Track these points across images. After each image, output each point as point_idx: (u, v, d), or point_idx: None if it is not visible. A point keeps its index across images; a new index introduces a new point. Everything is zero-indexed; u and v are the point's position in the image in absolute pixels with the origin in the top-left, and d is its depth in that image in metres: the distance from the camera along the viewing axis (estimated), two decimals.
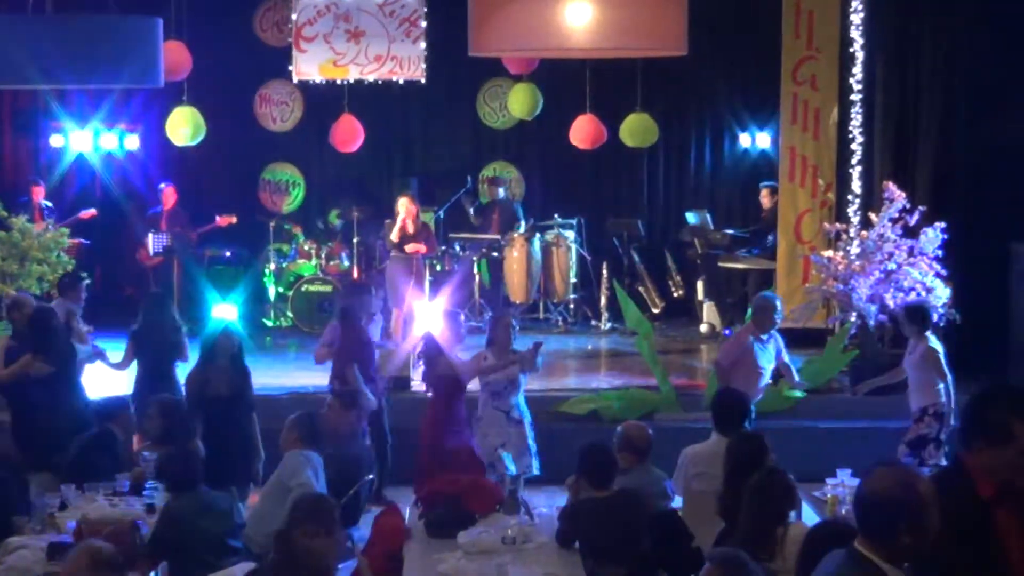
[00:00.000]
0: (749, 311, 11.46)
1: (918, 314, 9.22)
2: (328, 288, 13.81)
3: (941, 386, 8.99)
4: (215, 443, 8.08)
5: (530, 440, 8.86)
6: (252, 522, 6.91)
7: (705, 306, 14.04)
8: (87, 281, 11.54)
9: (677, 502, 7.29)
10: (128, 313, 10.66)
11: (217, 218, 14.07)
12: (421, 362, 8.92)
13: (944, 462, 8.68)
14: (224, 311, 9.70)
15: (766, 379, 9.52)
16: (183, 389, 8.83)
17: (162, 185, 14.29)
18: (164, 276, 13.82)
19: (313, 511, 5.21)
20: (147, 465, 7.54)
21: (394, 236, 12.66)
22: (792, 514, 5.84)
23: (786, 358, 9.66)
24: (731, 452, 6.44)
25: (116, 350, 9.71)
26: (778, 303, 9.63)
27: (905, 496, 3.75)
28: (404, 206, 12.69)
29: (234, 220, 14.13)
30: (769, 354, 9.46)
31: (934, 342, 9.15)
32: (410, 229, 12.66)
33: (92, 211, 13.95)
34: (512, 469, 8.09)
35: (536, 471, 8.81)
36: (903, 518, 3.73)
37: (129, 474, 7.45)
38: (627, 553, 6.22)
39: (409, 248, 12.59)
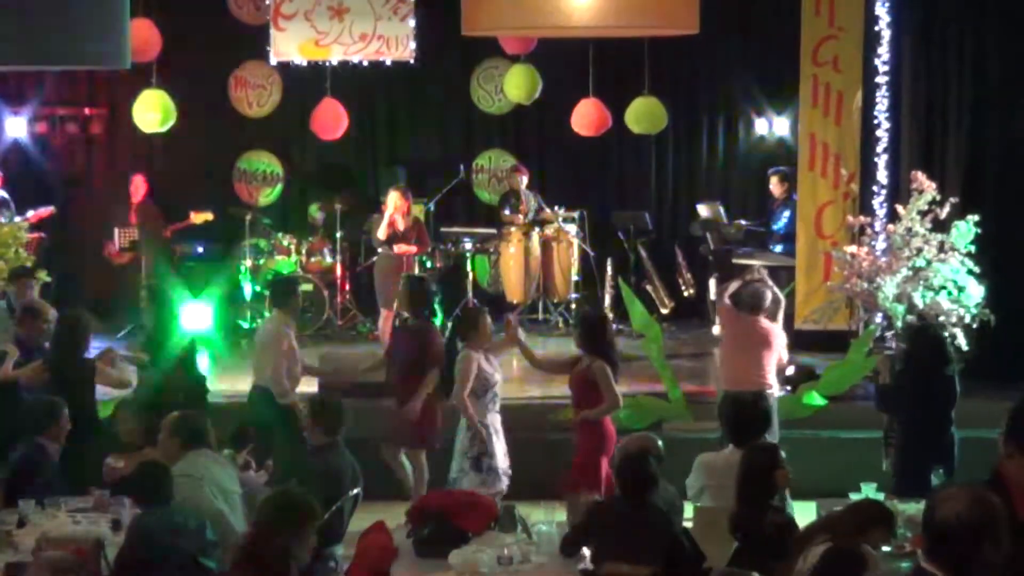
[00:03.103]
0: None
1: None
2: (309, 287, 13.80)
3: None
4: None
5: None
6: None
7: (718, 306, 14.04)
8: (47, 280, 11.51)
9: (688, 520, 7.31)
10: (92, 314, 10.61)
11: (191, 214, 14.05)
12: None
13: None
14: (196, 312, 9.71)
15: None
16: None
17: (131, 175, 14.26)
18: (131, 274, 13.80)
19: (281, 510, 5.40)
20: (110, 474, 7.56)
21: (382, 233, 12.65)
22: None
23: None
24: (744, 464, 6.46)
25: None
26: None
27: (985, 517, 3.82)
28: (394, 200, 12.68)
29: (210, 217, 14.12)
30: None
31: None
32: (399, 225, 12.65)
33: (49, 209, 13.91)
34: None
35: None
36: (986, 539, 3.82)
37: (85, 499, 7.41)
38: (643, 561, 6.25)
39: (398, 249, 12.58)
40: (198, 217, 14.05)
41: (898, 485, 7.72)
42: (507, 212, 14.54)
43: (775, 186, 13.90)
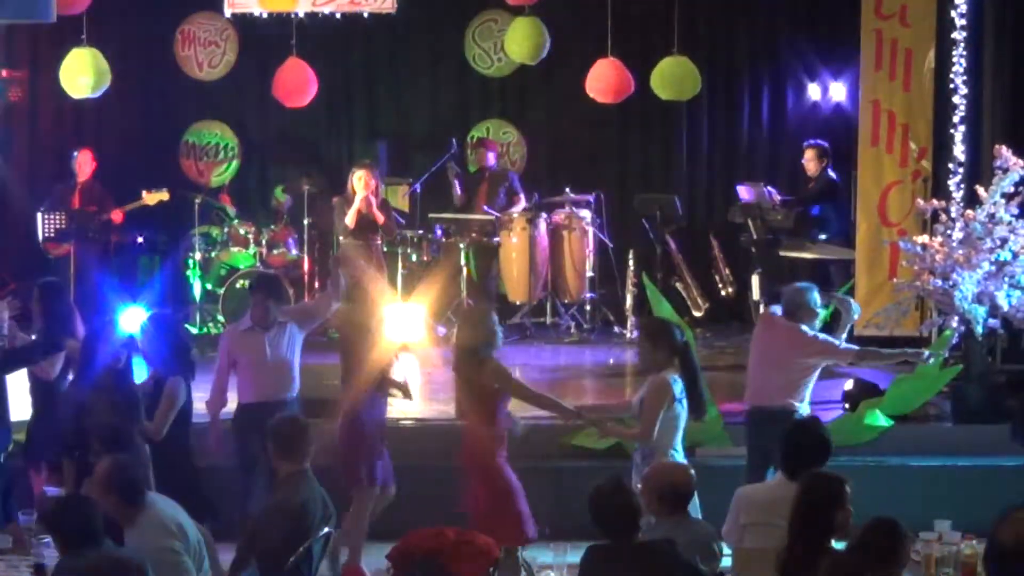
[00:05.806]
0: (825, 311, 11.49)
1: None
2: None
3: None
4: None
5: None
6: None
7: (762, 307, 14.03)
8: None
9: (725, 562, 7.29)
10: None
11: (144, 194, 13.99)
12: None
13: None
14: (133, 315, 9.66)
15: None
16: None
17: (75, 152, 14.21)
18: (61, 269, 13.76)
19: None
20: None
21: (350, 220, 12.66)
22: None
23: None
24: (801, 496, 6.43)
25: None
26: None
27: None
28: (362, 179, 12.70)
29: (165, 197, 14.05)
30: None
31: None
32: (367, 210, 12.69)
33: None
34: None
35: None
36: None
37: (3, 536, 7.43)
38: None
39: (374, 211, 12.57)
40: (152, 197, 13.98)
41: None
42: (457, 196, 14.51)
43: (810, 161, 13.93)
